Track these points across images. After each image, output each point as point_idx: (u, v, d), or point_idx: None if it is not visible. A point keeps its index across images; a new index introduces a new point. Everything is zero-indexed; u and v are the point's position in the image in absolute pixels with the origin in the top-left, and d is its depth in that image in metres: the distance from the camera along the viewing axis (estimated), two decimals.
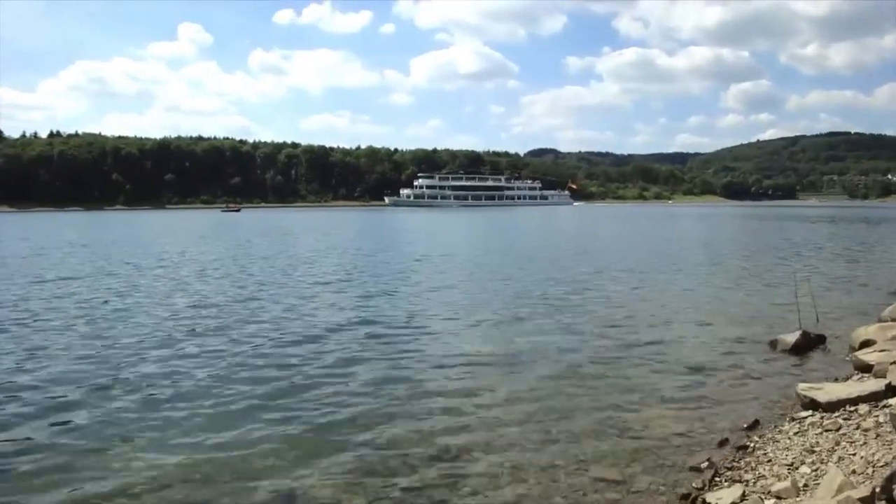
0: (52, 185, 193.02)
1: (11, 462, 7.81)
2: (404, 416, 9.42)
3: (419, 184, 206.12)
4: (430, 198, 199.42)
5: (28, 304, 19.43)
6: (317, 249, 39.86)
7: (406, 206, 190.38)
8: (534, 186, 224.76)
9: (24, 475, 7.53)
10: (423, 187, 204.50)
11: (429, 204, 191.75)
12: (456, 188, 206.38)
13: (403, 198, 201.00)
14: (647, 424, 8.92)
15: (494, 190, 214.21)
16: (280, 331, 15.11)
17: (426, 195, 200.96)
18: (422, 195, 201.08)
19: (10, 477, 7.49)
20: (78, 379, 11.10)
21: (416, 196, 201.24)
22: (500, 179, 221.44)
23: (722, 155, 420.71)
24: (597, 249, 38.75)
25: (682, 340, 14.04)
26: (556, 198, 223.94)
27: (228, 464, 7.75)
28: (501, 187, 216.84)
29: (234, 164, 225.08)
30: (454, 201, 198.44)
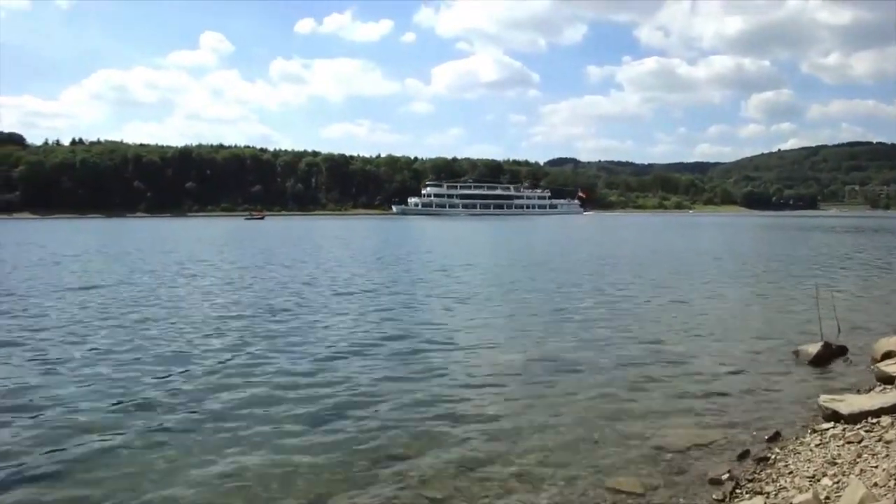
0: (73, 192, 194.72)
1: (49, 479, 7.78)
2: (421, 424, 9.40)
3: (427, 192, 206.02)
4: (438, 206, 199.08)
5: (80, 310, 19.57)
6: (349, 259, 39.83)
7: (414, 214, 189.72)
8: (543, 195, 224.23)
9: (65, 489, 7.55)
10: (432, 195, 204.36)
11: (437, 212, 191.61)
12: (464, 196, 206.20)
13: (411, 206, 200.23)
14: (668, 435, 8.86)
15: (503, 199, 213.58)
16: (315, 344, 15.03)
17: (434, 203, 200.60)
18: (430, 203, 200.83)
19: (51, 492, 7.50)
20: (107, 394, 11.09)
21: (423, 204, 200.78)
22: (510, 188, 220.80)
23: (743, 164, 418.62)
24: (617, 260, 38.51)
25: (703, 350, 13.96)
26: (566, 207, 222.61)
27: (261, 482, 7.71)
28: (510, 196, 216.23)
29: (255, 173, 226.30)
30: (462, 210, 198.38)
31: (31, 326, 16.83)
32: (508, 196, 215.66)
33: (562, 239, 65.84)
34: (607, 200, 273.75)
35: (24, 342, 14.86)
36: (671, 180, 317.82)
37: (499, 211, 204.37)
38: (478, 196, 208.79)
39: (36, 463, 8.05)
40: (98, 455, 8.33)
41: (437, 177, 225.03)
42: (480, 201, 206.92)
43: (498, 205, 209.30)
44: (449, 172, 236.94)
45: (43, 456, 8.26)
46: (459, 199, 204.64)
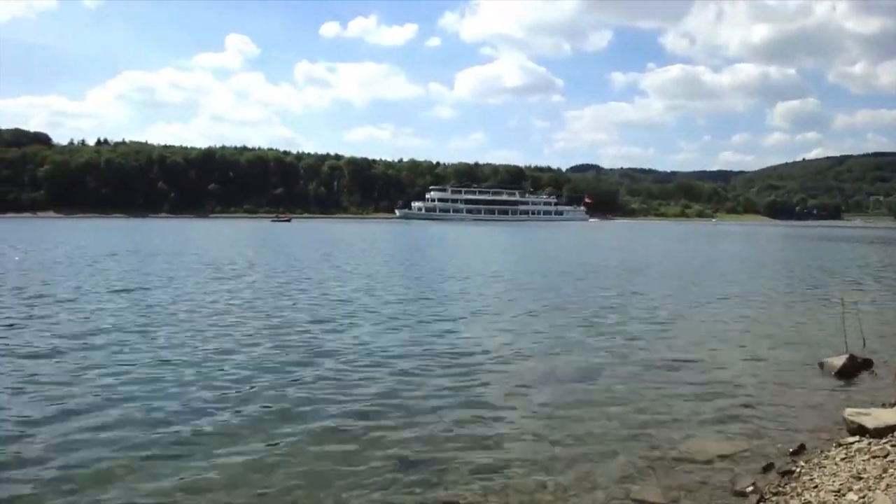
0: (98, 191, 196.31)
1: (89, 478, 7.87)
2: (440, 429, 9.41)
3: (431, 197, 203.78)
4: (441, 211, 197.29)
5: (145, 310, 19.78)
6: (379, 263, 39.91)
7: (417, 219, 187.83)
8: (549, 201, 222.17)
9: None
10: (435, 200, 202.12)
11: (440, 217, 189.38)
12: (469, 202, 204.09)
13: (415, 211, 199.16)
14: (691, 446, 8.83)
15: (508, 204, 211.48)
16: (338, 350, 15.11)
17: (438, 208, 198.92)
18: (433, 208, 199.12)
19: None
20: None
21: (427, 209, 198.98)
22: (515, 194, 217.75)
23: (766, 173, 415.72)
24: (640, 268, 38.38)
25: (727, 361, 13.88)
26: (572, 213, 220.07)
27: (286, 485, 7.76)
28: (515, 202, 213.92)
29: (278, 175, 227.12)
30: (467, 215, 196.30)
31: (99, 326, 16.99)
32: (514, 202, 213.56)
33: (580, 247, 65.61)
34: (629, 208, 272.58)
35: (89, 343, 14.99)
36: (694, 188, 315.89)
37: (503, 217, 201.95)
38: (482, 202, 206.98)
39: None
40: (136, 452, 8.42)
41: (460, 182, 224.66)
42: (485, 207, 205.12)
43: (503, 210, 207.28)
44: (470, 177, 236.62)
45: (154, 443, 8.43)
46: (464, 204, 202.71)
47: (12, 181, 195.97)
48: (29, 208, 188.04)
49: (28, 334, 15.73)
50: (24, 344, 14.62)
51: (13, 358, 13.25)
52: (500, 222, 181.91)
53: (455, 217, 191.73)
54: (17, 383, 11.35)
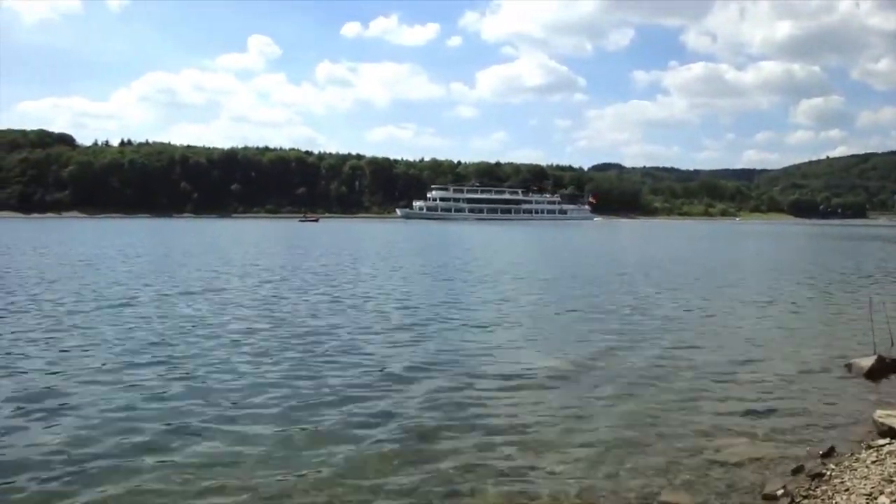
0: (121, 192, 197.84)
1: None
2: (468, 434, 9.38)
3: (433, 196, 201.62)
4: (443, 210, 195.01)
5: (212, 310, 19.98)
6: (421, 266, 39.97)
7: (419, 218, 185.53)
8: (553, 200, 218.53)
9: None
10: (437, 199, 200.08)
11: (442, 217, 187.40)
12: (471, 201, 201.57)
13: (416, 210, 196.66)
14: (720, 449, 8.76)
15: (511, 203, 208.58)
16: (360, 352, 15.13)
17: (440, 207, 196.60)
18: (435, 207, 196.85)
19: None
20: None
21: (429, 208, 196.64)
22: (518, 192, 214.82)
23: (790, 172, 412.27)
24: (663, 268, 38.18)
25: (754, 362, 13.77)
26: (576, 212, 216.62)
27: (298, 484, 7.78)
28: (519, 200, 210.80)
29: (300, 175, 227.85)
30: (469, 214, 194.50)
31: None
32: (516, 201, 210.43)
33: (595, 246, 65.40)
34: (651, 207, 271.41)
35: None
36: (717, 187, 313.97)
37: (506, 216, 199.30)
38: (484, 200, 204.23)
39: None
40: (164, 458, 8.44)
41: (480, 181, 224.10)
42: (487, 206, 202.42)
43: (505, 209, 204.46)
44: (492, 177, 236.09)
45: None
46: (466, 203, 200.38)
47: (37, 182, 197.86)
48: (54, 208, 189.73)
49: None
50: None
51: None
52: (503, 222, 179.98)
53: (457, 216, 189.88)
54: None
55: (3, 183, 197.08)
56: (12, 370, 12.29)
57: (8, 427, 9.29)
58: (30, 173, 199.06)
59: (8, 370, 12.27)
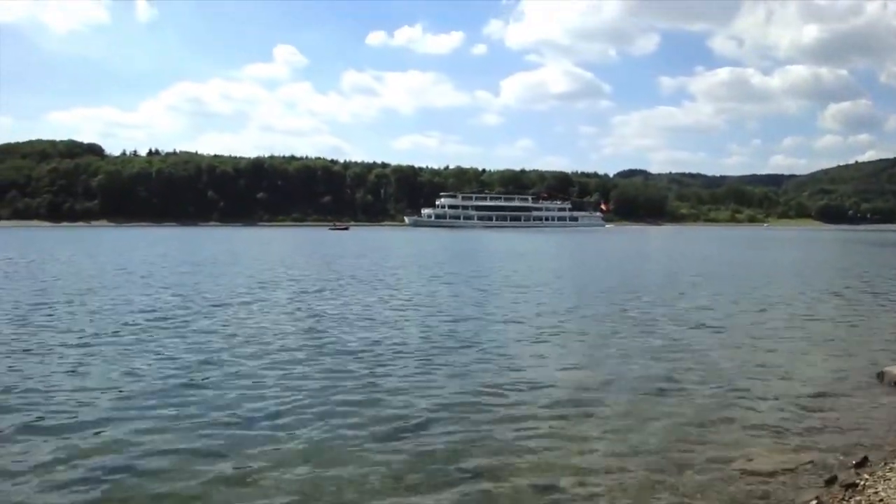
0: (149, 201, 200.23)
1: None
2: (495, 441, 9.30)
3: (441, 203, 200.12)
4: (452, 217, 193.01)
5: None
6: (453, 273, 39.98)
7: (427, 226, 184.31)
8: (563, 207, 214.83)
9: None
10: (446, 206, 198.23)
11: (451, 224, 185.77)
12: (480, 208, 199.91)
13: (424, 217, 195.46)
14: (751, 459, 8.60)
15: (521, 210, 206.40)
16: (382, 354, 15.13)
17: (448, 215, 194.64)
18: (444, 215, 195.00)
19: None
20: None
21: (437, 216, 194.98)
22: (528, 199, 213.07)
23: (818, 177, 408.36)
24: (689, 275, 37.94)
25: (784, 371, 13.55)
26: (587, 219, 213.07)
27: (334, 488, 7.75)
28: (528, 208, 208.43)
29: (325, 184, 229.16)
30: (478, 222, 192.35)
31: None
32: (526, 208, 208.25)
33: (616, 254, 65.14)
34: (678, 213, 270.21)
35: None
36: (744, 193, 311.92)
37: (516, 223, 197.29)
38: (494, 208, 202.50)
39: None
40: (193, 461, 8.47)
41: (506, 189, 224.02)
42: (497, 213, 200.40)
43: (515, 217, 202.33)
44: (517, 184, 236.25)
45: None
46: (475, 210, 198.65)
47: (67, 191, 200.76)
48: (82, 217, 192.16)
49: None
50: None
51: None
52: (512, 229, 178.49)
53: (466, 224, 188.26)
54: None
55: (33, 192, 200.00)
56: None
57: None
58: (59, 183, 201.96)
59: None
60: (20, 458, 8.47)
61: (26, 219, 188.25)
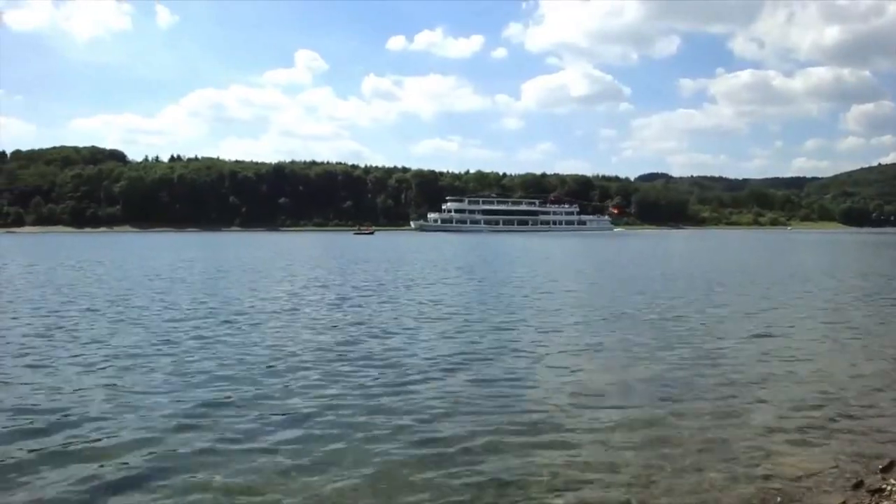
0: (171, 206, 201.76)
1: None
2: (519, 444, 9.29)
3: (447, 207, 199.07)
4: (458, 222, 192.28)
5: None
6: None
7: (433, 230, 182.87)
8: (571, 211, 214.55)
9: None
10: (452, 211, 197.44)
11: (457, 228, 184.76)
12: (486, 212, 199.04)
13: (430, 222, 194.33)
14: (777, 463, 8.54)
15: (528, 214, 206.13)
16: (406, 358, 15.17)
17: (454, 219, 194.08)
18: (450, 219, 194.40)
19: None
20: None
21: (443, 220, 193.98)
22: (535, 203, 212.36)
23: (841, 179, 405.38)
24: (713, 278, 37.74)
25: (811, 375, 13.38)
26: (596, 223, 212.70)
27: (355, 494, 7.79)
28: (536, 211, 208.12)
29: (346, 188, 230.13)
30: (484, 226, 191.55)
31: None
32: (534, 212, 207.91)
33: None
34: (700, 216, 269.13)
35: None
36: (766, 196, 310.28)
37: (523, 227, 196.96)
38: (501, 212, 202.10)
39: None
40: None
41: (527, 193, 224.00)
42: (503, 217, 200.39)
43: (522, 221, 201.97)
44: (538, 188, 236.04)
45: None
46: (482, 214, 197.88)
47: (90, 197, 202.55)
48: (105, 223, 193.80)
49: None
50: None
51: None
52: (520, 233, 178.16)
53: (472, 228, 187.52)
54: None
55: (57, 198, 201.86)
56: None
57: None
58: (82, 189, 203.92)
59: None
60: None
61: (50, 224, 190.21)
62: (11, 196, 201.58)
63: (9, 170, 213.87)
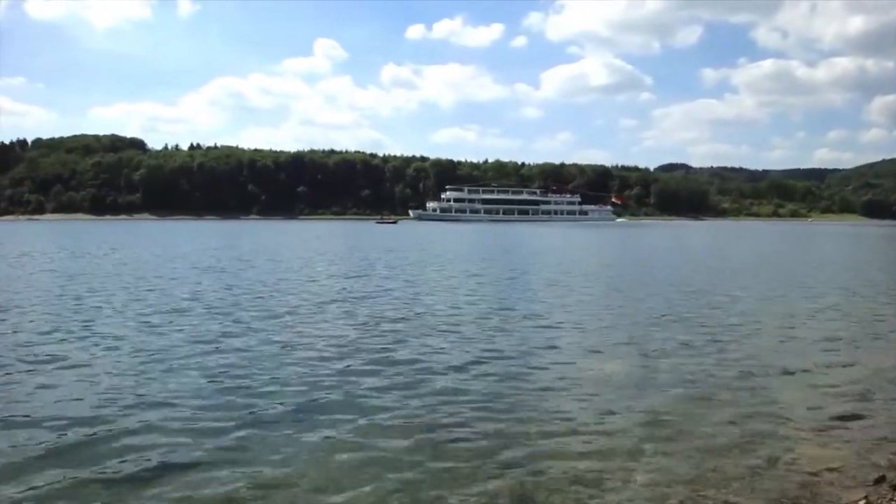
0: (191, 194, 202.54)
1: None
2: (535, 435, 9.22)
3: (447, 196, 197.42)
4: (457, 211, 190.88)
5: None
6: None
7: (431, 220, 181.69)
8: (572, 201, 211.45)
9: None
10: (451, 200, 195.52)
11: (456, 218, 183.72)
12: (486, 202, 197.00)
13: (429, 211, 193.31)
14: (798, 457, 8.43)
15: (528, 204, 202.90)
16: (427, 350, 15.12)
17: (454, 209, 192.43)
18: (449, 209, 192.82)
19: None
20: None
21: (442, 210, 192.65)
22: (536, 193, 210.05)
23: (863, 171, 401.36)
24: (735, 270, 37.51)
25: (832, 368, 13.26)
26: (598, 213, 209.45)
27: (361, 477, 7.75)
28: (536, 201, 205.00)
29: (365, 177, 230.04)
30: (484, 215, 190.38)
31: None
32: (534, 201, 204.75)
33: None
34: (720, 208, 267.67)
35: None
36: (787, 187, 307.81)
37: (524, 217, 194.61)
38: (501, 201, 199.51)
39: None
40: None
41: (545, 182, 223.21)
42: (504, 207, 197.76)
43: (523, 210, 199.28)
44: (556, 178, 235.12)
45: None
46: (481, 204, 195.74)
47: (110, 185, 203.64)
48: (125, 210, 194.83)
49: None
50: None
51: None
52: (520, 223, 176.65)
53: (472, 218, 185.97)
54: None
55: (77, 186, 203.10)
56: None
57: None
58: (102, 177, 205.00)
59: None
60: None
61: (70, 212, 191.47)
62: (32, 184, 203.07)
63: (30, 158, 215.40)
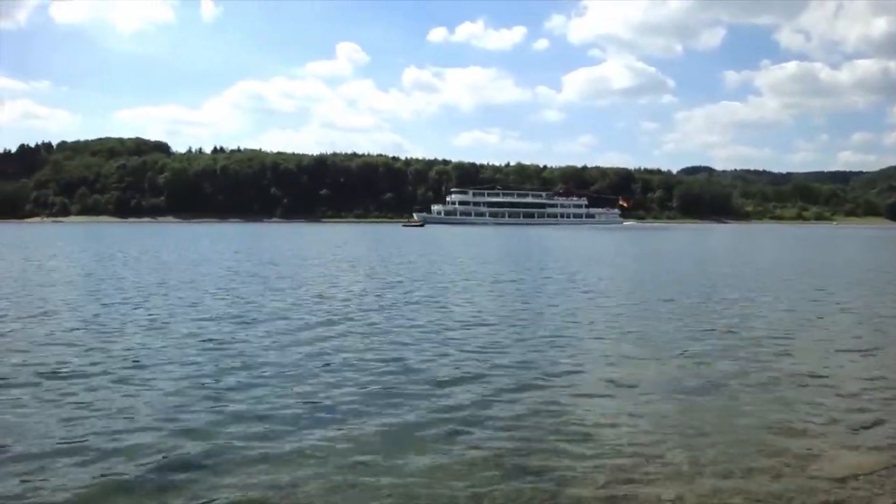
0: (214, 197, 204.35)
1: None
2: (556, 438, 9.11)
3: (452, 199, 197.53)
4: (462, 214, 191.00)
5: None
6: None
7: (436, 223, 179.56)
8: (579, 204, 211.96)
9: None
10: (457, 203, 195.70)
11: (461, 221, 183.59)
12: (492, 205, 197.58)
13: (434, 214, 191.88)
14: (824, 463, 8.25)
15: (534, 207, 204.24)
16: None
17: (459, 211, 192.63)
18: (454, 211, 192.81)
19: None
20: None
21: (447, 212, 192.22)
22: (542, 195, 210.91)
23: (888, 174, 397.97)
24: (759, 272, 37.26)
25: (861, 372, 12.95)
26: (604, 216, 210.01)
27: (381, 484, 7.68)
28: (543, 204, 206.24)
29: (387, 180, 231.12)
30: (490, 218, 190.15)
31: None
32: (540, 205, 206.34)
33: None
34: (743, 211, 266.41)
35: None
36: (811, 190, 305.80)
37: (529, 220, 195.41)
38: (506, 204, 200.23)
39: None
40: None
41: (566, 186, 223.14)
42: (509, 210, 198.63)
43: (528, 213, 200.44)
44: (578, 181, 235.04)
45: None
46: (487, 206, 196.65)
47: (134, 188, 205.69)
48: (149, 213, 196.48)
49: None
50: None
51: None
52: (525, 226, 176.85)
53: (477, 221, 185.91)
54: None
55: (102, 189, 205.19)
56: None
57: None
58: (127, 180, 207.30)
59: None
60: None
61: (95, 214, 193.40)
62: (57, 186, 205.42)
63: (55, 160, 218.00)
